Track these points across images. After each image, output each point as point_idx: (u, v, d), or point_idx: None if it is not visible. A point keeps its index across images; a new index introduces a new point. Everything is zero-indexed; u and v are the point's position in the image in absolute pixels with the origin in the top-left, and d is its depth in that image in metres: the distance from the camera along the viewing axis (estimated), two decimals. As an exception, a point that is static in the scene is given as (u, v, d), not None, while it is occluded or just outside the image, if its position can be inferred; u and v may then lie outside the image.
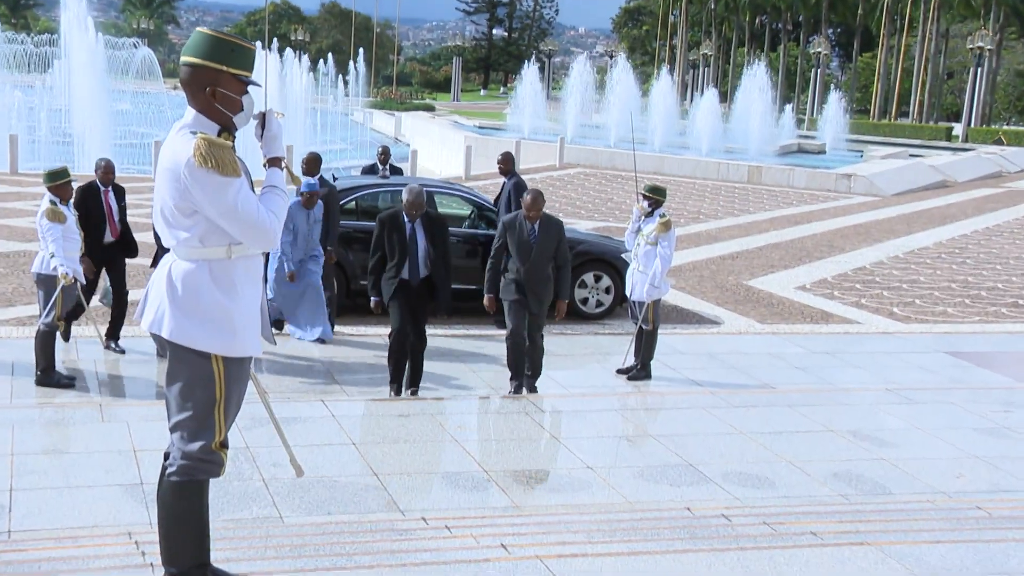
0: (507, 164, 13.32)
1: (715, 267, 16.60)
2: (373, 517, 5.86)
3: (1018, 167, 41.32)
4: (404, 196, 8.87)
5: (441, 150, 38.33)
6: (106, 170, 9.92)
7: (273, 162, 4.37)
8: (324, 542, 5.38)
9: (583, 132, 40.99)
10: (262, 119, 4.36)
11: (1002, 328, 12.91)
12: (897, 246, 19.99)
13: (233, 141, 4.20)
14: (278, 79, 34.77)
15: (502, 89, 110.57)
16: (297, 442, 6.96)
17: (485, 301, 9.10)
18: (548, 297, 9.02)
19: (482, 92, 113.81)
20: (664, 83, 43.61)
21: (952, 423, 8.41)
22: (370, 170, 15.88)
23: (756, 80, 43.87)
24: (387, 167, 15.56)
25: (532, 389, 8.95)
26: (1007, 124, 72.20)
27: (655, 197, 9.73)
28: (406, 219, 8.80)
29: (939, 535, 5.90)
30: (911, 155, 41.45)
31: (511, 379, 9.02)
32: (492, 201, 13.32)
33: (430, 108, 67.90)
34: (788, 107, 54.25)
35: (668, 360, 10.29)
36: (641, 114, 40.63)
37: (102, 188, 9.90)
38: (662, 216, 9.67)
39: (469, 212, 13.37)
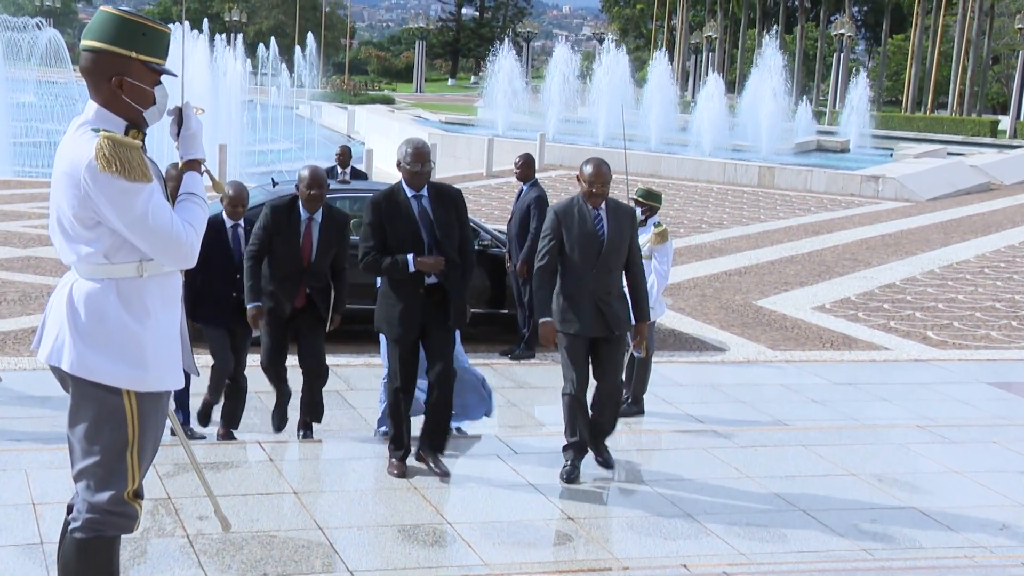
0: (527, 169, 12.43)
1: (720, 284, 16.69)
2: (316, 579, 5.86)
3: (1073, 167, 41.71)
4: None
5: (401, 149, 38.37)
6: None
7: (191, 165, 4.38)
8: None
9: (567, 128, 41.17)
10: (178, 115, 4.38)
11: (1053, 353, 13.03)
12: (932, 259, 20.15)
13: (143, 140, 4.21)
14: (208, 66, 34.75)
15: (473, 78, 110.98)
16: (228, 491, 6.96)
17: (541, 330, 7.51)
18: (626, 318, 7.63)
19: (449, 82, 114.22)
20: (661, 71, 43.91)
21: (995, 466, 8.47)
22: (328, 174, 15.88)
23: (768, 67, 44.21)
24: (348, 170, 15.53)
25: (607, 463, 7.83)
26: (1061, 117, 72.83)
27: (649, 203, 9.80)
28: (407, 191, 7.49)
29: (977, 595, 5.94)
30: (949, 153, 41.84)
31: (566, 448, 7.71)
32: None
33: (389, 100, 68.07)
34: (806, 98, 54.73)
35: (664, 393, 10.34)
36: (634, 107, 40.91)
37: None
38: (657, 225, 9.74)
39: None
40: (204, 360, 8.59)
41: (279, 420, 8.63)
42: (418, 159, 7.38)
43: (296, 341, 8.37)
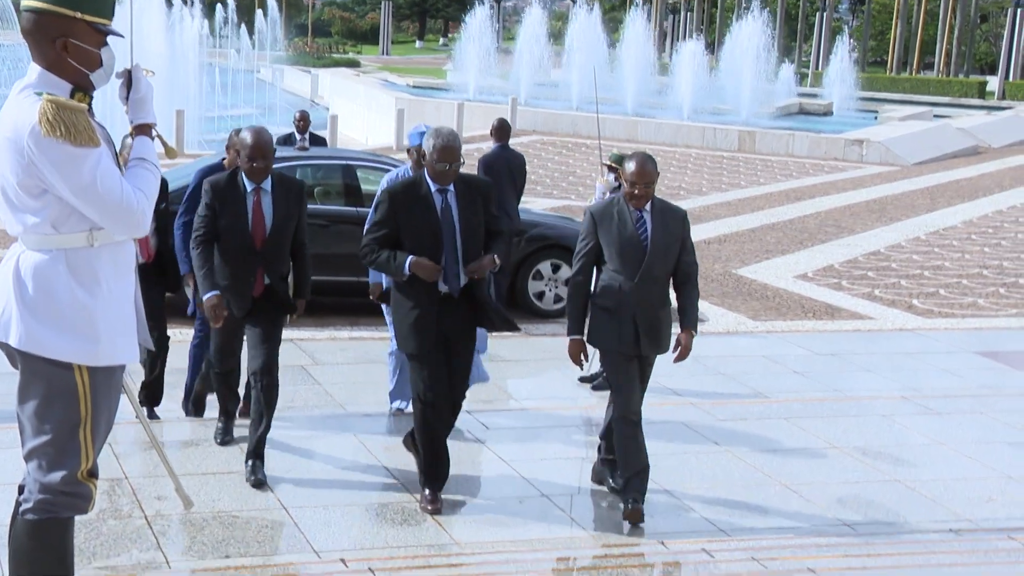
0: (501, 133, 12.64)
1: (699, 253, 16.56)
2: (281, 560, 5.88)
3: (1064, 129, 41.94)
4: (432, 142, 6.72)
5: (367, 115, 38.27)
6: None
7: (141, 129, 4.36)
8: (219, 592, 5.39)
9: (540, 92, 41.07)
10: (127, 77, 4.35)
11: (1043, 322, 13.13)
12: (918, 225, 20.25)
13: (90, 103, 4.17)
14: (163, 28, 34.48)
15: (442, 40, 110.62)
16: (188, 470, 6.97)
17: (570, 347, 6.84)
18: (669, 333, 6.90)
19: (417, 44, 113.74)
20: (637, 31, 43.80)
21: (982, 437, 8.55)
22: (286, 140, 15.82)
23: (749, 27, 44.19)
24: (306, 136, 15.49)
25: (610, 485, 7.11)
26: (1051, 78, 73.19)
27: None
28: (431, 185, 6.68)
29: (963, 571, 6.01)
30: (936, 116, 41.98)
31: (613, 483, 7.03)
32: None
33: (354, 64, 67.73)
34: (787, 60, 54.75)
35: (642, 366, 10.36)
36: (609, 69, 40.79)
37: None
38: (632, 191, 9.73)
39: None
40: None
41: (224, 435, 7.64)
42: (446, 157, 6.57)
43: (248, 340, 7.20)
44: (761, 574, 5.83)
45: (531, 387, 9.97)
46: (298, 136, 15.53)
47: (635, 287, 6.69)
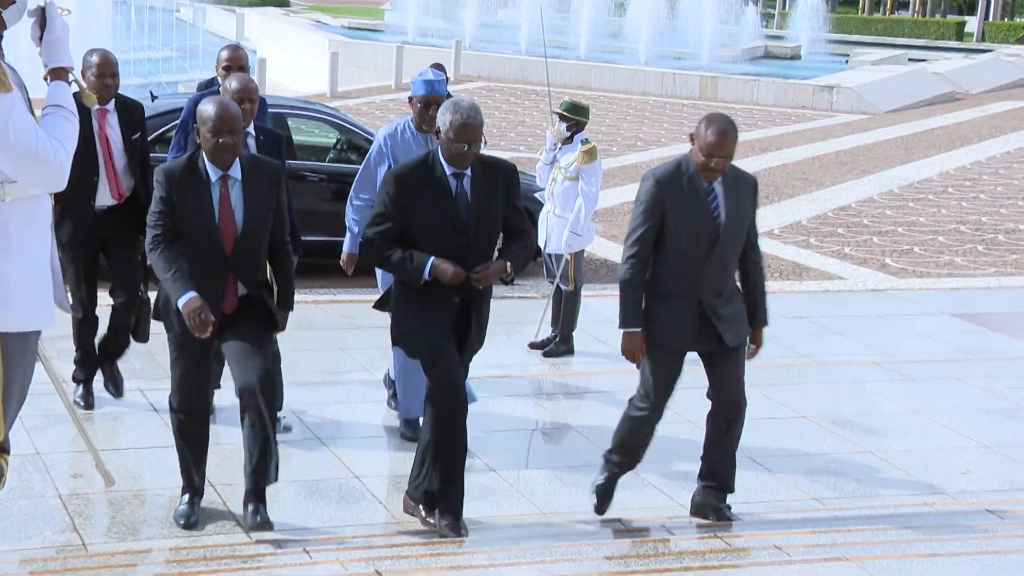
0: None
1: (658, 209, 16.77)
2: (209, 541, 5.89)
3: (1048, 74, 42.35)
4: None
5: (298, 58, 37.95)
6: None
7: (57, 73, 4.34)
8: (144, 575, 5.38)
9: (486, 35, 40.91)
10: (41, 16, 4.31)
11: (1021, 282, 13.30)
12: (891, 178, 20.41)
13: (-1, 45, 4.14)
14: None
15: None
16: (107, 445, 6.93)
17: (627, 342, 6.36)
18: (742, 325, 6.46)
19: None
20: (591, -31, 43.69)
21: (959, 405, 8.67)
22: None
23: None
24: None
25: (722, 515, 6.45)
26: (1033, 19, 73.81)
27: (575, 118, 9.80)
28: (445, 167, 6.11)
29: (938, 546, 6.11)
30: (911, 59, 42.16)
31: (610, 462, 6.61)
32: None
33: (283, 3, 67.15)
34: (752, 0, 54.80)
35: (595, 330, 10.41)
36: (560, 10, 40.69)
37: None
38: (585, 142, 9.75)
39: (335, 141, 13.32)
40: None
41: (188, 519, 6.13)
42: (465, 136, 5.97)
43: (228, 356, 6.19)
44: (724, 552, 5.90)
45: (479, 354, 9.98)
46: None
47: (703, 272, 6.23)
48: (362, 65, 33.69)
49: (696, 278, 6.22)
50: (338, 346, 9.74)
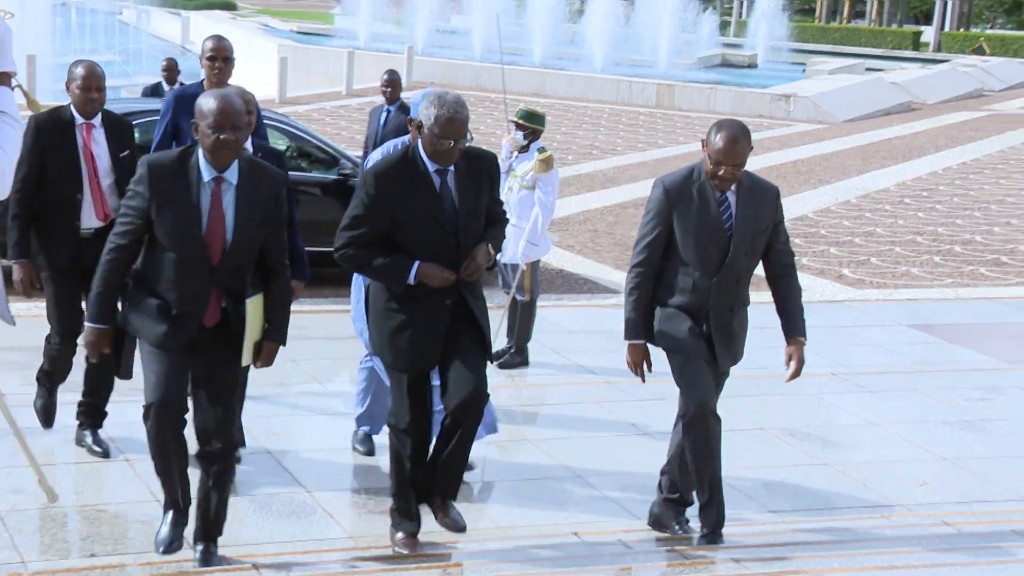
0: (397, 89, 12.55)
1: (613, 218, 16.84)
2: (154, 558, 5.84)
3: (1004, 83, 42.84)
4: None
5: (246, 63, 37.59)
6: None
7: (0, 78, 4.30)
8: (85, 594, 5.36)
9: (439, 40, 40.93)
10: (-18, 19, 4.28)
11: (981, 293, 13.43)
12: (848, 188, 20.57)
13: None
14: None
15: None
16: (49, 460, 6.88)
17: (630, 354, 6.31)
18: (744, 340, 6.46)
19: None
20: (546, -27, 43.80)
21: (916, 416, 8.75)
22: (153, 91, 15.64)
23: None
24: (176, 86, 15.32)
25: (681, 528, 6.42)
26: (990, 27, 74.70)
27: (531, 126, 9.82)
28: (427, 163, 5.84)
29: (895, 559, 6.16)
30: (868, 69, 42.55)
31: (672, 500, 6.46)
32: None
33: (230, 6, 66.92)
34: (710, 7, 55.15)
35: (552, 341, 10.43)
36: (516, 16, 40.76)
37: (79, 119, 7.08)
38: (541, 151, 9.77)
39: (285, 148, 13.28)
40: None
41: (167, 543, 5.82)
42: (450, 132, 5.70)
43: (193, 387, 5.74)
44: (681, 566, 5.92)
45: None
46: (166, 87, 15.38)
47: (714, 285, 6.08)
48: (312, 70, 33.64)
49: (706, 291, 6.08)
50: (289, 357, 9.70)
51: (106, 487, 6.65)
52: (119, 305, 5.70)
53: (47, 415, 7.29)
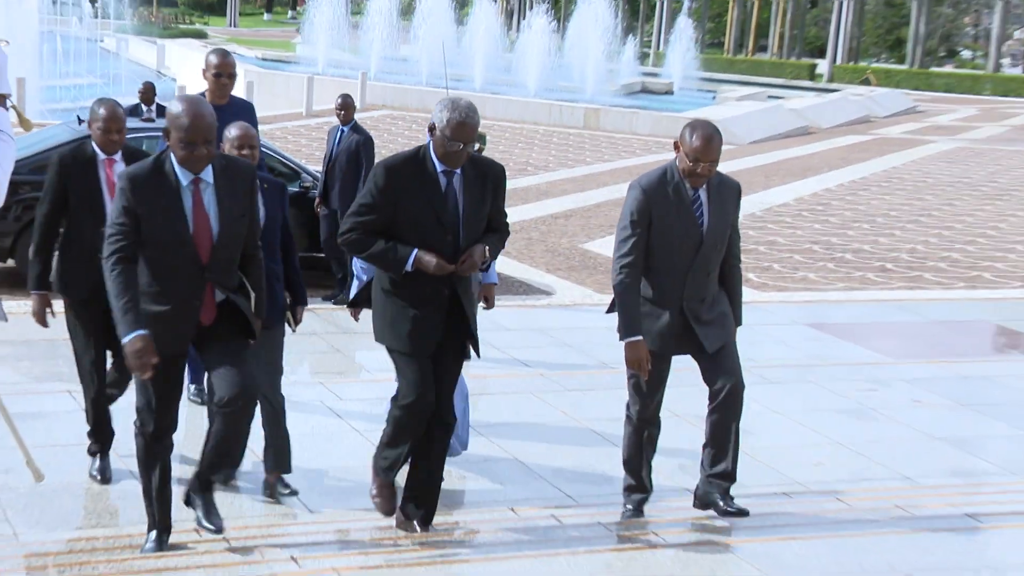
0: (350, 111, 12.18)
1: (545, 228, 16.87)
2: (134, 530, 5.80)
3: (888, 111, 43.31)
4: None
5: (215, 86, 37.59)
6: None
7: (-5, 100, 4.26)
8: (71, 562, 5.29)
9: (389, 67, 40.86)
10: (-21, 46, 4.24)
11: (868, 296, 13.58)
12: (754, 202, 20.71)
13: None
14: (4, -5, 33.34)
15: (290, 14, 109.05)
16: (37, 443, 6.79)
17: (630, 352, 5.98)
18: (730, 320, 6.20)
19: (266, 17, 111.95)
20: (485, 10, 43.84)
21: (812, 405, 8.83)
22: (132, 111, 15.53)
23: (593, 7, 44.57)
24: (153, 108, 15.23)
25: (738, 509, 6.15)
26: (876, 61, 75.56)
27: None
28: (436, 163, 5.62)
29: (794, 531, 6.22)
30: (770, 96, 42.97)
31: (627, 488, 6.43)
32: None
33: (201, 35, 66.41)
34: (631, 39, 55.40)
35: (491, 337, 10.42)
36: (458, 46, 40.76)
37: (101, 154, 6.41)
38: (482, 167, 9.77)
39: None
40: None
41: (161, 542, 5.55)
42: (461, 136, 5.47)
43: (209, 370, 5.49)
44: (606, 537, 5.95)
45: (382, 359, 9.94)
46: (144, 107, 15.29)
47: (687, 278, 5.93)
48: (276, 93, 33.44)
49: (680, 284, 5.92)
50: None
51: (88, 468, 6.57)
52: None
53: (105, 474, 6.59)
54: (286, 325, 6.43)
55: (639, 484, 6.32)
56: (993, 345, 11.61)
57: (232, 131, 6.10)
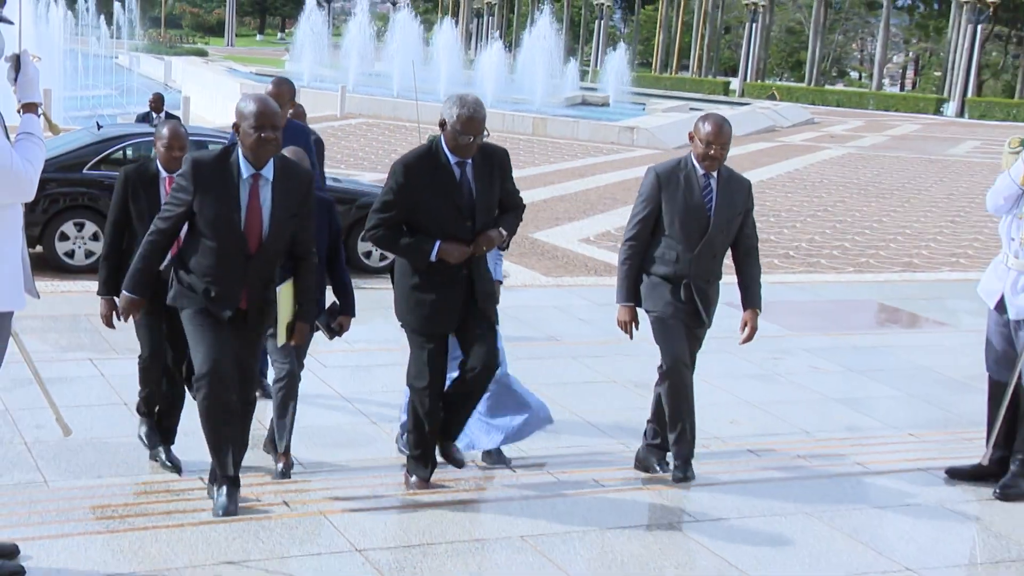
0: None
1: (500, 220, 16.84)
2: (147, 479, 5.78)
3: (790, 122, 43.52)
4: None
5: (215, 97, 37.18)
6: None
7: (28, 108, 4.22)
8: (95, 505, 5.25)
9: (365, 81, 40.64)
10: (16, 61, 4.18)
11: (774, 279, 13.63)
12: (677, 199, 20.79)
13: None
14: (32, 16, 32.85)
15: (280, 35, 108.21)
16: (64, 403, 6.70)
17: (620, 313, 6.00)
18: (715, 308, 6.07)
19: (258, 37, 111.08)
20: (447, 33, 43.69)
21: (729, 371, 8.87)
22: (144, 118, 15.40)
23: (540, 30, 44.52)
24: (162, 115, 15.12)
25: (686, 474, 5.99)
26: (779, 79, 76.02)
27: (440, 148, 9.78)
28: (449, 155, 5.38)
29: (714, 477, 6.26)
30: (691, 108, 43.03)
31: (655, 445, 6.18)
32: None
33: (202, 53, 65.78)
34: (572, 59, 55.33)
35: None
36: (425, 63, 40.61)
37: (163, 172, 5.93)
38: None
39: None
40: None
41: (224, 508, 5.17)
42: (471, 129, 5.27)
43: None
44: (554, 484, 5.96)
45: (361, 332, 9.90)
46: (154, 115, 15.19)
47: (694, 259, 5.74)
48: (267, 103, 33.14)
49: (685, 264, 5.75)
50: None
51: (110, 425, 6.52)
52: (168, 287, 5.19)
53: (151, 440, 6.14)
54: (321, 331, 6.09)
55: (682, 443, 5.97)
56: (877, 320, 11.73)
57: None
